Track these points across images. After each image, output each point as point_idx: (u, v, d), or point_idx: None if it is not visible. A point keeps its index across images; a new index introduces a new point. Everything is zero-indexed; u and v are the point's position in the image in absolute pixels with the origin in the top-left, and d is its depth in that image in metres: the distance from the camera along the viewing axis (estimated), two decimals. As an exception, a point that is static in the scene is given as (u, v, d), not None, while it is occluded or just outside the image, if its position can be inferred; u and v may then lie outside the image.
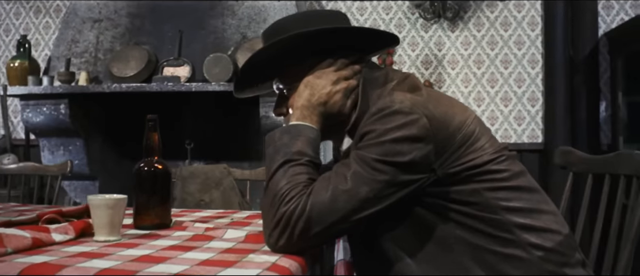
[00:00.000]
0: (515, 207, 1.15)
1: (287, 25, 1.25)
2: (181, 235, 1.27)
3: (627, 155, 1.36)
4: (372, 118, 1.11)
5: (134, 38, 3.57)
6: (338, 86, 1.22)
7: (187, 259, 1.00)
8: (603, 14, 3.68)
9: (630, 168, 1.32)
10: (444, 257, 1.15)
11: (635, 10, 3.64)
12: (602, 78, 3.67)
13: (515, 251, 1.13)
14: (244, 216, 1.62)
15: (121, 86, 3.31)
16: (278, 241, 1.06)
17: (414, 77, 1.21)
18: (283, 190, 1.08)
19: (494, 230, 1.14)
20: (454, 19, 3.80)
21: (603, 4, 3.68)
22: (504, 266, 1.13)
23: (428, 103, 1.12)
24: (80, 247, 1.11)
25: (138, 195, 1.36)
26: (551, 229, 1.17)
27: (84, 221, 1.27)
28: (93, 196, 1.22)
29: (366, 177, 1.07)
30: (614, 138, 3.57)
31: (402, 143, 1.07)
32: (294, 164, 1.12)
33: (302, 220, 1.05)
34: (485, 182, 1.14)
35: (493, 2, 3.80)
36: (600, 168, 1.44)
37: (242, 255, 1.04)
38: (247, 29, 3.53)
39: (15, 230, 1.11)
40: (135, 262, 0.97)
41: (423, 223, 1.15)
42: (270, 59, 1.26)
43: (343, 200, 1.06)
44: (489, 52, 3.80)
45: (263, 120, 3.36)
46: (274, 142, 1.18)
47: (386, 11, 3.90)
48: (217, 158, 3.74)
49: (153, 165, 1.39)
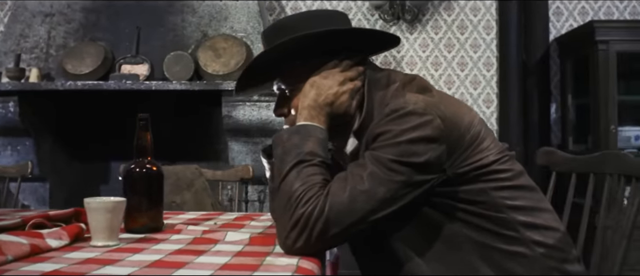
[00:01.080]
0: (519, 205, 1.18)
1: (292, 25, 1.23)
2: (180, 238, 1.22)
3: (613, 154, 1.42)
4: (386, 118, 1.11)
5: (88, 34, 3.43)
6: (345, 87, 1.21)
7: (206, 263, 0.96)
8: (553, 20, 3.83)
9: (617, 167, 1.38)
10: (452, 256, 1.16)
11: (583, 17, 3.81)
12: (552, 81, 3.82)
13: (520, 249, 1.16)
14: (231, 217, 1.59)
15: (77, 84, 3.18)
16: (295, 243, 1.04)
17: (421, 78, 1.22)
18: (299, 191, 1.06)
19: (500, 229, 1.16)
20: (412, 22, 3.86)
21: (553, 10, 3.83)
22: (510, 264, 1.15)
23: (440, 104, 1.13)
24: (82, 253, 1.05)
25: (130, 197, 1.30)
26: (551, 226, 1.21)
27: (76, 225, 1.21)
28: (90, 199, 1.16)
29: (383, 177, 1.06)
30: (564, 139, 3.73)
31: (417, 144, 1.08)
32: (307, 165, 1.10)
33: (320, 221, 1.03)
34: (491, 182, 1.17)
35: (450, 5, 3.89)
36: (585, 167, 1.49)
37: (259, 258, 1.01)
38: (208, 27, 3.46)
39: (10, 236, 1.04)
40: (153, 268, 0.93)
41: (430, 222, 1.16)
42: (274, 58, 1.23)
43: (361, 201, 1.05)
44: (446, 54, 3.89)
45: (225, 120, 3.30)
46: (282, 142, 1.16)
47: (346, 11, 3.90)
48: (174, 159, 3.64)
49: (145, 166, 1.33)
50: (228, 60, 3.29)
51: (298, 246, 1.04)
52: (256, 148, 3.41)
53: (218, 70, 3.27)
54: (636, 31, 3.36)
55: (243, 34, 3.43)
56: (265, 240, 1.19)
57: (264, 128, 3.31)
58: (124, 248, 1.10)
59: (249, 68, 1.26)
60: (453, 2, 3.89)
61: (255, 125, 3.30)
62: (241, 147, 3.40)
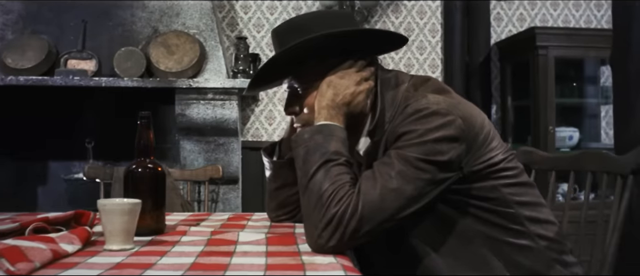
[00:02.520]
0: (524, 201, 1.24)
1: (306, 24, 1.23)
2: (192, 240, 1.19)
3: (593, 153, 1.52)
4: (410, 118, 1.13)
5: (29, 26, 3.24)
6: (361, 87, 1.22)
7: (246, 265, 0.94)
8: (494, 26, 4.01)
9: (597, 165, 1.47)
10: (465, 250, 1.20)
11: (521, 23, 4.02)
12: (493, 83, 4.00)
13: (526, 242, 1.22)
14: (225, 217, 1.56)
15: (18, 79, 3.00)
16: (328, 242, 1.05)
17: (436, 80, 1.26)
18: (329, 190, 1.07)
19: (508, 223, 1.21)
20: (362, 23, 3.92)
21: (494, 16, 4.01)
22: (518, 256, 1.21)
23: (459, 104, 1.17)
24: (105, 258, 1.00)
25: (132, 198, 1.25)
26: (550, 220, 1.28)
27: (83, 229, 1.15)
28: (105, 200, 1.11)
29: (411, 175, 1.09)
30: (504, 139, 3.90)
31: (441, 143, 1.11)
32: (334, 164, 1.10)
33: (354, 219, 1.04)
34: (501, 179, 1.22)
35: (398, 8, 3.98)
36: (566, 166, 1.59)
37: (293, 258, 1.00)
38: (159, 23, 3.36)
39: (26, 241, 0.98)
40: (197, 270, 0.90)
41: (445, 219, 1.20)
42: (289, 57, 1.22)
43: (391, 199, 1.07)
44: (393, 55, 3.98)
45: (179, 118, 3.23)
46: (304, 141, 1.15)
47: (296, 11, 3.92)
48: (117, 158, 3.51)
49: (148, 166, 1.29)
50: (181, 57, 3.21)
51: (331, 244, 1.05)
52: (209, 147, 3.35)
53: (171, 67, 3.18)
54: (573, 38, 3.58)
55: (196, 30, 3.35)
56: (284, 239, 1.18)
57: (218, 127, 3.26)
58: (144, 252, 1.06)
59: (265, 66, 1.24)
60: (400, 5, 3.98)
61: (210, 124, 3.24)
62: (193, 146, 3.33)
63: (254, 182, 3.70)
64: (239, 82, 3.18)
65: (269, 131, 3.88)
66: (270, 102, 3.87)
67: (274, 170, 1.43)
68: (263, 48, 3.84)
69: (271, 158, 1.44)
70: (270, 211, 1.48)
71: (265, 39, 3.86)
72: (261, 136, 3.87)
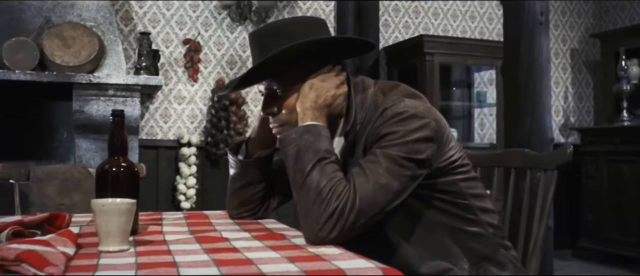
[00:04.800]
0: (476, 193, 1.40)
1: (288, 29, 1.29)
2: (179, 238, 1.19)
3: (517, 151, 1.73)
4: (390, 121, 1.23)
5: None
6: (340, 90, 1.30)
7: (264, 259, 0.98)
8: (383, 31, 4.27)
9: (522, 162, 1.69)
10: (430, 239, 1.33)
11: (406, 30, 4.32)
12: (381, 86, 4.25)
13: (478, 229, 1.38)
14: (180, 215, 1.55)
15: None
16: (330, 234, 1.12)
17: (406, 86, 1.37)
18: (327, 186, 1.14)
19: (464, 213, 1.36)
20: (259, 23, 3.97)
21: (383, 22, 4.27)
22: (472, 242, 1.37)
23: (431, 109, 1.29)
24: (112, 259, 0.98)
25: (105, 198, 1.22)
26: (493, 210, 1.46)
27: (69, 231, 1.11)
28: (102, 200, 1.08)
29: (396, 172, 1.19)
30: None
31: (420, 143, 1.22)
32: (327, 162, 1.17)
33: (353, 212, 1.13)
34: (459, 174, 1.36)
35: (293, 10, 4.08)
36: (490, 162, 1.79)
37: (301, 251, 1.06)
38: (52, 13, 3.15)
39: (36, 246, 0.94)
40: (238, 266, 0.92)
41: (412, 211, 1.32)
42: (273, 61, 1.26)
43: (381, 194, 1.17)
44: (289, 56, 4.07)
45: (76, 115, 3.06)
46: (294, 140, 1.21)
47: (193, 8, 3.87)
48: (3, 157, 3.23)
49: (121, 165, 1.26)
50: (79, 50, 3.04)
51: (332, 236, 1.12)
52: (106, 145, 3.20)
53: (68, 61, 3.00)
54: (455, 46, 3.93)
55: (93, 23, 3.19)
56: (271, 236, 1.23)
57: (119, 124, 3.12)
58: (147, 251, 1.05)
59: (254, 69, 1.27)
60: (296, 7, 4.09)
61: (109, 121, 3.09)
62: (90, 144, 3.17)
63: (149, 180, 3.60)
64: (142, 79, 3.09)
65: (165, 129, 3.79)
66: (166, 100, 3.79)
67: (240, 169, 1.46)
68: (159, 44, 3.74)
69: (236, 156, 1.47)
70: (231, 209, 1.51)
71: (160, 35, 3.76)
72: (156, 134, 3.77)
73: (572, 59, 4.80)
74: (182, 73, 3.82)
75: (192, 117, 3.84)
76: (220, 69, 3.91)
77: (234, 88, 1.35)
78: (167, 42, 3.79)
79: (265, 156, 1.46)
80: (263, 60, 1.25)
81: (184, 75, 3.83)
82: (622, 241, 4.00)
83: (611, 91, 4.35)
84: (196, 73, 3.83)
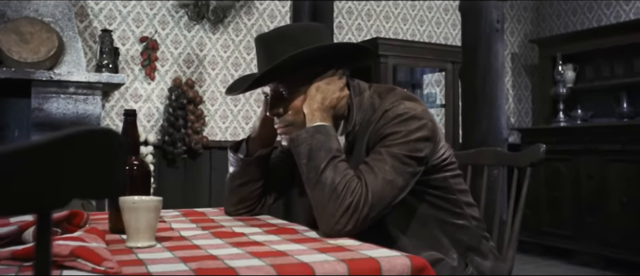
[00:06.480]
0: (462, 188, 1.52)
1: (294, 35, 1.35)
2: (195, 234, 1.24)
3: (490, 150, 1.87)
4: (392, 122, 1.33)
5: None
6: (343, 93, 1.39)
7: (294, 250, 1.05)
8: (337, 33, 4.38)
9: (495, 160, 1.82)
10: (423, 232, 1.44)
11: (359, 32, 4.45)
12: (335, 86, 4.36)
13: (464, 222, 1.50)
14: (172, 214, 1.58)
15: None
16: (345, 227, 1.20)
17: (402, 89, 1.46)
18: (342, 183, 1.22)
19: (452, 207, 1.48)
20: (216, 23, 3.99)
21: (337, 24, 4.38)
22: (459, 234, 1.49)
23: (427, 110, 1.40)
24: (148, 254, 1.03)
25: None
26: (475, 204, 1.58)
27: (95, 228, 1.14)
28: (131, 198, 1.11)
29: (400, 169, 1.29)
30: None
31: (420, 142, 1.33)
32: (339, 160, 1.26)
33: (366, 206, 1.21)
34: (448, 171, 1.48)
35: (250, 10, 4.12)
36: (463, 160, 1.92)
37: (323, 243, 1.13)
38: (7, 7, 3.06)
39: (82, 242, 0.97)
40: (276, 257, 0.98)
41: (408, 205, 1.42)
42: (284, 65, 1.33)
43: (388, 189, 1.26)
44: (245, 56, 4.11)
45: (35, 113, 2.98)
46: (306, 140, 1.28)
47: (150, 6, 3.84)
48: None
49: (134, 164, 1.30)
50: (37, 46, 2.97)
51: (347, 229, 1.21)
52: (65, 144, 3.14)
53: (26, 57, 2.93)
54: (407, 49, 4.09)
55: (51, 19, 3.12)
56: (281, 230, 1.29)
57: (79, 123, 3.08)
58: (174, 246, 1.10)
59: (267, 73, 1.32)
60: (253, 8, 4.13)
61: (69, 119, 3.05)
62: (47, 143, 3.09)
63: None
64: (105, 77, 3.05)
65: (120, 127, 3.73)
66: (122, 98, 3.74)
67: (241, 167, 1.51)
68: (116, 41, 3.69)
69: (236, 154, 1.52)
70: (229, 206, 1.56)
71: (117, 32, 3.71)
72: (112, 133, 3.71)
73: (513, 63, 5.08)
74: (138, 71, 3.79)
75: (149, 115, 3.81)
76: (177, 68, 3.90)
77: (245, 90, 1.41)
78: (123, 40, 3.74)
79: (265, 154, 1.52)
80: (275, 64, 1.31)
81: (141, 73, 3.79)
82: (558, 234, 4.29)
83: (548, 94, 4.65)
84: (153, 71, 3.80)
